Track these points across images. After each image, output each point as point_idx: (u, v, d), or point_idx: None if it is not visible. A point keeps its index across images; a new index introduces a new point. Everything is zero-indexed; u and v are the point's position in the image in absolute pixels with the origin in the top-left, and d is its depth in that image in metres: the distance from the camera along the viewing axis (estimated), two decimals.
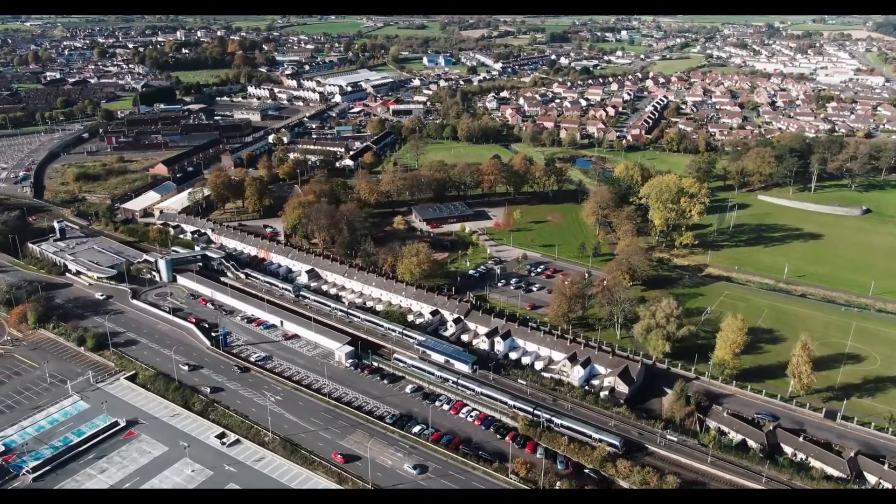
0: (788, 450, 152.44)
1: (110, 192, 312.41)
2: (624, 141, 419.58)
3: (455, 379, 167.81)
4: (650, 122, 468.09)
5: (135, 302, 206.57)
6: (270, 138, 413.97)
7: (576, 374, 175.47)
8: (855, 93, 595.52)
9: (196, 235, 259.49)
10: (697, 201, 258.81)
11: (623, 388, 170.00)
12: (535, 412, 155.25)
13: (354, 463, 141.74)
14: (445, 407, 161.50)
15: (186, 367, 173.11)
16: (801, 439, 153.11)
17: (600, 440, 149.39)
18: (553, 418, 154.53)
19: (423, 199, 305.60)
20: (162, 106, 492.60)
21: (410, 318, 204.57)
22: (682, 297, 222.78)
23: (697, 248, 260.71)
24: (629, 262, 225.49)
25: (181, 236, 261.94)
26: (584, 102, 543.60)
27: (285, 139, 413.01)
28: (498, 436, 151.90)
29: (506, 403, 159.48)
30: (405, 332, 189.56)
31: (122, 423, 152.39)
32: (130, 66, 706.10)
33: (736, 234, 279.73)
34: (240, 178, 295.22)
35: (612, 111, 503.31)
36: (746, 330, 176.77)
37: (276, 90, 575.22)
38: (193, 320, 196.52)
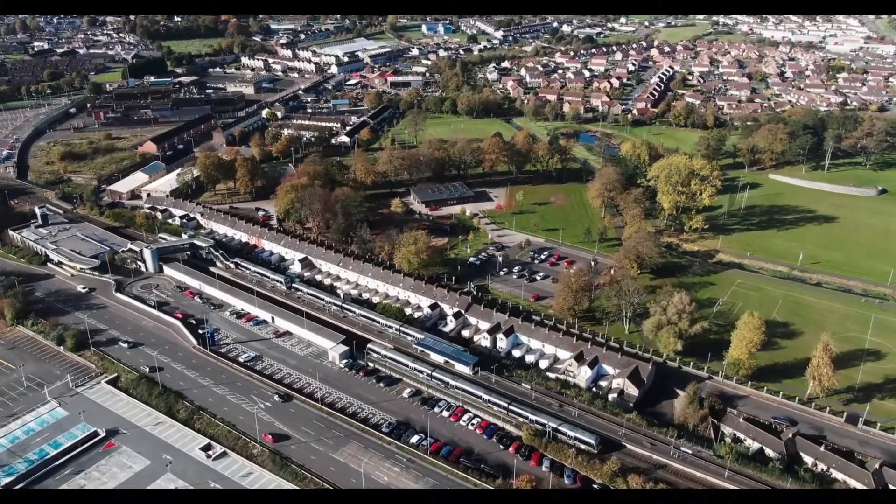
0: (808, 460, 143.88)
1: (96, 173, 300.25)
2: (629, 115, 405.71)
3: (454, 383, 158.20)
4: (656, 94, 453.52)
5: (119, 295, 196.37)
6: (264, 113, 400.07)
7: (583, 375, 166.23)
8: (866, 62, 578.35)
9: (185, 220, 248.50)
10: (709, 184, 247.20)
11: (633, 390, 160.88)
12: (540, 421, 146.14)
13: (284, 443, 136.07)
14: (445, 413, 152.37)
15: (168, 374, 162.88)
16: (822, 448, 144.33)
17: (575, 438, 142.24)
18: (530, 415, 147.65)
19: (421, 178, 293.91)
20: (152, 79, 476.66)
21: (408, 311, 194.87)
22: (693, 286, 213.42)
23: (707, 232, 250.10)
24: (638, 250, 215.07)
25: (169, 221, 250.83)
26: (587, 73, 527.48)
27: (279, 114, 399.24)
28: (501, 446, 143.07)
29: (508, 410, 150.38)
30: (403, 329, 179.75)
31: (102, 434, 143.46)
32: (121, 34, 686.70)
33: (747, 217, 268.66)
34: (230, 158, 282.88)
35: (616, 83, 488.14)
36: (763, 329, 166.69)
37: (270, 61, 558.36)
38: (180, 316, 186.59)
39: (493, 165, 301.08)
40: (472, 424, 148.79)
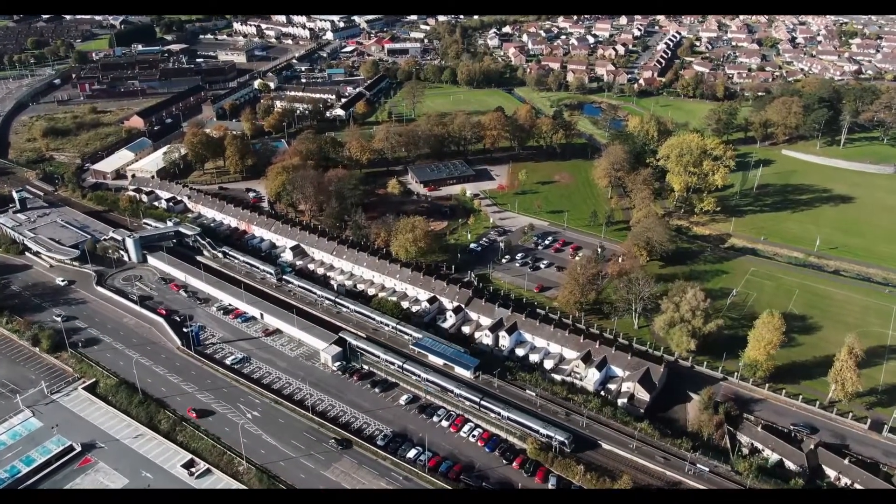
0: (831, 473, 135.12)
1: (80, 151, 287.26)
2: (635, 85, 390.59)
3: (456, 390, 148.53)
4: (663, 62, 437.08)
5: (99, 289, 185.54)
6: (256, 84, 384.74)
7: (591, 378, 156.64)
8: (879, 27, 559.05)
9: (171, 204, 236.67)
10: (721, 164, 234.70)
11: (644, 395, 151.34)
12: (547, 434, 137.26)
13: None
14: (445, 423, 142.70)
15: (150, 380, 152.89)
16: (845, 461, 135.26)
17: (548, 436, 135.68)
18: (502, 411, 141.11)
19: (419, 156, 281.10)
20: (140, 47, 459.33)
21: (406, 304, 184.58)
22: (704, 275, 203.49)
23: (719, 215, 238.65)
24: (647, 236, 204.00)
25: (155, 204, 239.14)
26: (591, 39, 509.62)
27: (272, 84, 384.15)
28: (504, 461, 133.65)
29: (512, 421, 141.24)
30: (399, 327, 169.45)
31: (78, 449, 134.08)
32: None
33: (760, 197, 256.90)
34: (219, 135, 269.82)
35: (621, 49, 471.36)
36: (783, 329, 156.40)
37: (263, 27, 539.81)
38: (164, 312, 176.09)
39: (495, 142, 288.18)
40: (474, 436, 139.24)
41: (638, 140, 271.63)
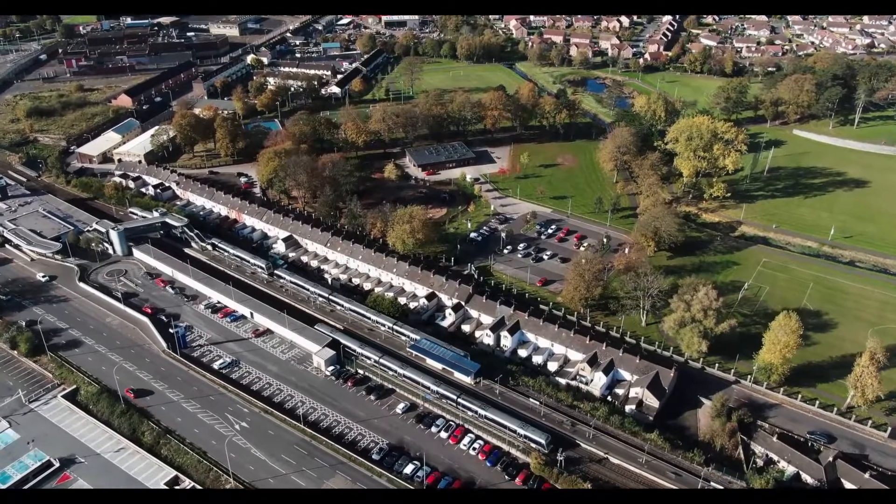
0: (851, 487, 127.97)
1: (66, 132, 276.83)
2: (641, 60, 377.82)
3: (455, 396, 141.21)
4: (669, 34, 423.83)
5: (82, 285, 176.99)
6: (249, 59, 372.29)
7: (597, 382, 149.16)
8: None
9: (159, 191, 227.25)
10: (733, 148, 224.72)
11: (653, 402, 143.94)
12: (524, 434, 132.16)
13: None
14: (444, 434, 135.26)
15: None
16: (866, 475, 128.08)
17: (525, 437, 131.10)
18: (479, 409, 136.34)
19: (418, 136, 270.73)
20: (129, 20, 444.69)
21: (403, 300, 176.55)
22: (714, 266, 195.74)
23: (729, 200, 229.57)
24: (655, 226, 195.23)
25: (143, 190, 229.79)
26: None
27: (265, 60, 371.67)
28: (507, 476, 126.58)
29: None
30: (396, 327, 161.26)
31: (56, 465, 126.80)
32: None
33: (771, 182, 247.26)
34: (209, 116, 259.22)
35: (626, 21, 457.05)
36: (801, 331, 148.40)
37: None
38: (149, 311, 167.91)
39: (496, 122, 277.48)
40: (474, 448, 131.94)
41: (645, 121, 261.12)
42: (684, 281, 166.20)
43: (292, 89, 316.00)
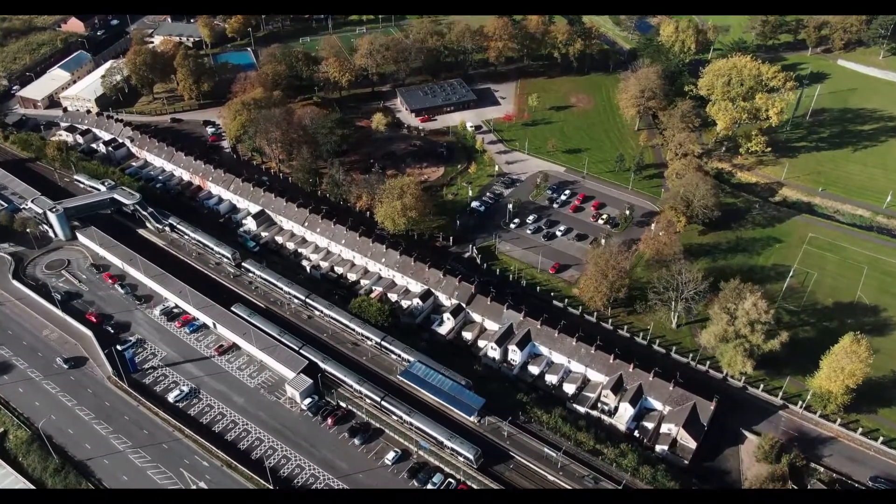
0: None
1: (7, 68, 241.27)
2: None
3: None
4: None
5: (15, 284, 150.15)
6: None
7: (623, 414, 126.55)
8: None
9: (111, 148, 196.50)
10: (779, 97, 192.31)
11: (690, 443, 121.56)
12: (452, 447, 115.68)
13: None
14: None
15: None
16: None
17: (453, 450, 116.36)
18: (405, 416, 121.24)
19: (411, 70, 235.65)
20: None
21: (393, 296, 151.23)
22: (753, 244, 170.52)
23: (768, 155, 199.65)
24: (688, 198, 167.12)
25: (93, 146, 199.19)
26: None
27: None
28: None
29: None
30: (385, 343, 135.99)
31: None
32: None
33: (815, 129, 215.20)
34: (169, 51, 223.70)
35: None
36: (870, 358, 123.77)
37: None
38: (94, 319, 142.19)
39: (500, 54, 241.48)
40: None
41: (673, 57, 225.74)
42: (727, 285, 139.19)
43: None
